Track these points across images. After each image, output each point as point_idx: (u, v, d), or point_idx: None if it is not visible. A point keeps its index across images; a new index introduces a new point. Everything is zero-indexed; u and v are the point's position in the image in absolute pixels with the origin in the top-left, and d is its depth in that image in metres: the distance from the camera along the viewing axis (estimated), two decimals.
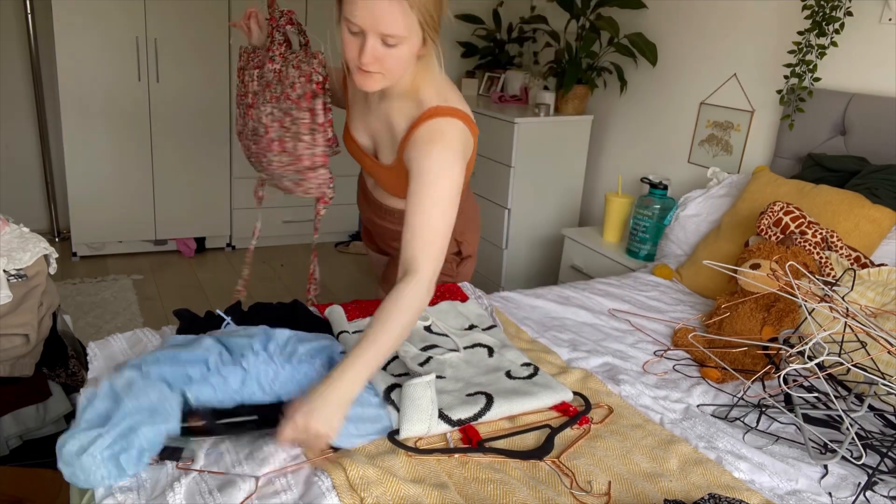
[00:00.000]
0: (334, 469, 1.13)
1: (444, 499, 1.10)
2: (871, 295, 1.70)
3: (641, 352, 1.74)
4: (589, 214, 3.37)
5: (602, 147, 3.26)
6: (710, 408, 1.51)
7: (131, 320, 3.09)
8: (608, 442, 1.31)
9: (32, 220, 4.02)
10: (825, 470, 1.30)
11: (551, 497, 1.14)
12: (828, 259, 1.85)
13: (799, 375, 1.58)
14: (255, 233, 1.93)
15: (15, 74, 3.76)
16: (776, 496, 1.22)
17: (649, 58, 2.84)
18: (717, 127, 2.72)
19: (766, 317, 1.77)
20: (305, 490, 1.10)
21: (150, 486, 1.09)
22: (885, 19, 2.16)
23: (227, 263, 3.93)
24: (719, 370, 1.64)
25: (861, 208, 1.99)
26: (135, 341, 1.52)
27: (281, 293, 3.57)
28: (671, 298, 2.14)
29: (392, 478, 1.12)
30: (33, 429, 1.97)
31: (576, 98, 3.09)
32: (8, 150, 3.87)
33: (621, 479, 1.21)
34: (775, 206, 1.97)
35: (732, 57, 2.64)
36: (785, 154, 2.44)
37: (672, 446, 1.32)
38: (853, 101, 2.22)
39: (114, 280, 3.51)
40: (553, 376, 1.53)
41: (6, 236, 1.91)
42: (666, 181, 2.65)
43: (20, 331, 1.77)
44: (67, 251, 3.84)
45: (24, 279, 1.83)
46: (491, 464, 1.21)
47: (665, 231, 2.53)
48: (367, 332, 1.20)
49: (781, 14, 2.45)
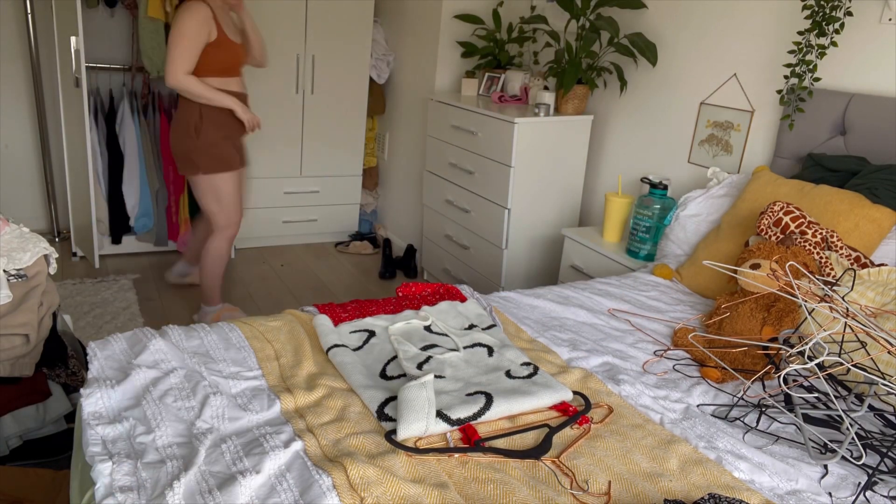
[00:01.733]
0: (335, 469, 1.13)
1: (444, 499, 1.10)
2: (871, 295, 1.70)
3: (641, 352, 1.74)
4: (589, 214, 3.37)
5: (602, 147, 3.26)
6: (710, 408, 1.51)
7: (131, 320, 3.09)
8: (608, 442, 1.31)
9: (32, 220, 4.02)
10: (825, 470, 1.30)
11: (551, 497, 1.14)
12: (828, 259, 1.85)
13: (799, 375, 1.58)
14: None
15: (15, 74, 3.76)
16: (776, 496, 1.22)
17: (649, 58, 2.84)
18: (717, 127, 2.71)
19: (766, 317, 1.77)
20: (305, 490, 1.10)
21: (151, 486, 1.09)
22: (885, 19, 2.16)
23: (228, 264, 3.92)
24: (719, 370, 1.64)
25: (861, 208, 1.99)
26: (135, 341, 1.52)
27: (281, 293, 3.58)
28: (671, 298, 2.14)
29: (392, 478, 1.12)
30: (33, 429, 1.97)
31: (576, 98, 3.09)
32: (8, 150, 3.87)
33: (621, 478, 1.21)
34: (775, 206, 1.97)
35: (732, 57, 2.64)
36: (785, 154, 2.44)
37: (672, 446, 1.32)
38: (853, 101, 2.22)
39: (114, 280, 3.51)
40: (553, 376, 1.52)
41: (6, 236, 1.91)
42: (666, 181, 2.65)
43: (20, 331, 1.77)
44: (67, 251, 3.84)
45: (24, 279, 1.83)
46: (491, 464, 1.21)
47: (665, 231, 2.53)
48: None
49: (781, 14, 2.45)
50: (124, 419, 1.25)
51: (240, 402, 1.34)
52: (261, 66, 2.96)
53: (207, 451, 1.18)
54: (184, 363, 1.44)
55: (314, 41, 3.96)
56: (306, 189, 4.22)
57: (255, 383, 1.42)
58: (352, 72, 4.10)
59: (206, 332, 1.58)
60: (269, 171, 4.08)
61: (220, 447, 1.19)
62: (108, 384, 1.34)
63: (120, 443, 1.20)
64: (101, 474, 1.11)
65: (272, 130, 4.02)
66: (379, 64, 4.19)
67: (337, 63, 4.05)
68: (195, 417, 1.27)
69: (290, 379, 1.42)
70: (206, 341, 1.55)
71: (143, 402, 1.30)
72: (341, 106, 4.15)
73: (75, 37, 3.23)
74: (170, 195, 3.86)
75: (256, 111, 3.94)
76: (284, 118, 4.02)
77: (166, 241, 3.92)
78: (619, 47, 2.90)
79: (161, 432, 1.22)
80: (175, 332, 1.57)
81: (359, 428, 1.28)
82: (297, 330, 1.62)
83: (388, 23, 4.19)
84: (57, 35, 3.54)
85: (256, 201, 4.11)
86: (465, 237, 3.37)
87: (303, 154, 4.16)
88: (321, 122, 4.13)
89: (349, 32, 4.03)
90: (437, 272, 3.68)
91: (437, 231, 3.61)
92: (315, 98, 4.07)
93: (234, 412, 1.30)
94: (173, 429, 1.24)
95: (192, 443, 1.20)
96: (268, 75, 3.90)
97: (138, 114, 3.70)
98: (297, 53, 3.95)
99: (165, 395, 1.32)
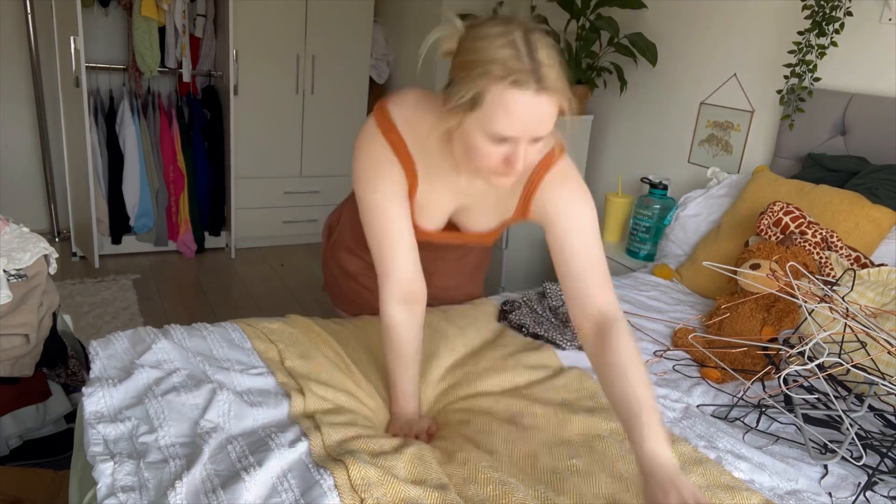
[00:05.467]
0: (337, 468, 1.13)
1: (444, 499, 1.10)
2: (871, 295, 1.70)
3: (641, 352, 1.74)
4: None
5: (602, 147, 3.26)
6: (710, 408, 1.51)
7: (131, 320, 3.09)
8: (607, 442, 1.32)
9: (32, 220, 4.02)
10: (825, 470, 1.30)
11: (551, 497, 1.14)
12: (828, 259, 1.85)
13: (799, 376, 1.58)
14: None
15: (15, 74, 3.75)
16: (776, 496, 1.22)
17: (649, 58, 2.84)
18: (717, 127, 2.72)
19: (766, 317, 1.77)
20: (306, 490, 1.10)
21: (153, 486, 1.09)
22: (885, 19, 2.16)
23: (228, 264, 3.93)
24: (719, 370, 1.64)
25: (861, 208, 1.99)
26: (137, 340, 1.52)
27: (281, 293, 3.58)
28: (671, 298, 2.14)
29: (393, 479, 1.12)
30: (33, 429, 1.97)
31: (576, 98, 3.09)
32: (8, 150, 3.87)
33: (621, 478, 1.21)
34: (775, 206, 1.97)
35: (732, 57, 2.64)
36: (785, 154, 2.44)
37: (672, 446, 1.32)
38: (853, 101, 2.22)
39: (114, 280, 3.51)
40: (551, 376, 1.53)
41: (6, 236, 1.91)
42: (666, 181, 2.66)
43: (20, 331, 1.76)
44: (67, 251, 3.84)
45: (24, 279, 1.83)
46: (491, 464, 1.21)
47: (665, 231, 2.53)
48: (641, 398, 1.09)
49: (781, 14, 2.45)
50: (126, 419, 1.25)
51: (247, 399, 1.33)
52: None
53: (213, 452, 1.17)
54: (187, 362, 1.44)
55: (314, 41, 3.96)
56: (306, 189, 4.22)
57: (263, 381, 1.41)
58: (352, 72, 4.10)
59: (208, 332, 1.58)
60: (269, 171, 4.08)
61: (226, 448, 1.19)
62: (110, 383, 1.33)
63: (122, 442, 1.20)
64: (103, 474, 1.11)
65: (272, 130, 4.02)
66: (379, 64, 4.19)
67: (337, 63, 4.05)
68: (199, 416, 1.27)
69: (298, 378, 1.42)
70: (209, 340, 1.55)
71: (145, 400, 1.30)
72: (341, 106, 4.15)
73: (75, 37, 3.23)
74: (170, 195, 3.86)
75: (257, 111, 3.94)
76: (284, 118, 4.02)
77: (166, 241, 3.92)
78: (619, 47, 2.90)
79: (164, 432, 1.22)
80: (177, 331, 1.57)
81: (366, 431, 1.28)
82: (301, 332, 1.62)
83: (388, 23, 4.19)
84: (57, 35, 3.53)
85: (256, 201, 4.11)
86: None
87: (303, 154, 4.16)
88: (321, 122, 4.13)
89: (349, 32, 4.03)
90: None
91: None
92: (315, 98, 4.06)
93: (241, 409, 1.30)
94: (176, 428, 1.24)
95: (195, 442, 1.20)
96: (268, 75, 3.90)
97: (138, 114, 3.70)
98: (297, 53, 3.95)
99: (168, 394, 1.32)
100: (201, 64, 3.94)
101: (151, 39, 3.57)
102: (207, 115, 3.94)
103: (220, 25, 3.80)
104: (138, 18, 3.51)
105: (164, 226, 3.89)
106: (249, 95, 3.91)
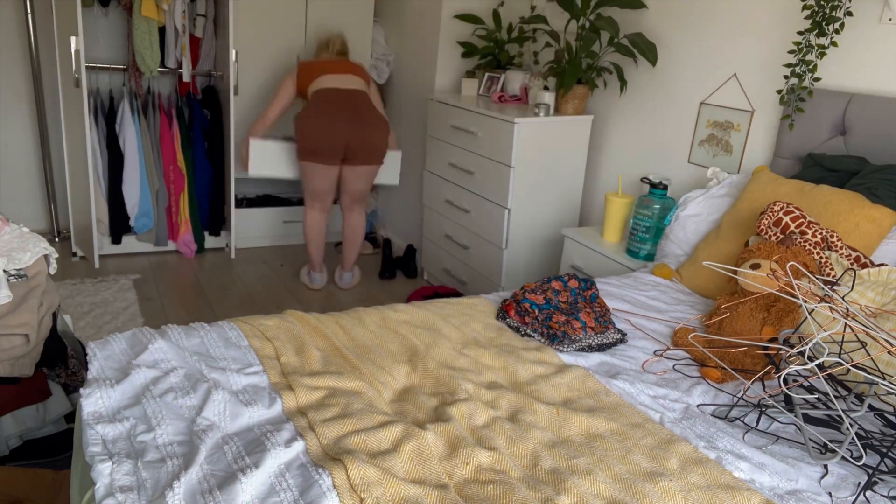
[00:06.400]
0: (335, 468, 1.13)
1: (444, 499, 1.10)
2: (871, 295, 1.70)
3: (641, 351, 1.74)
4: (589, 214, 3.37)
5: (602, 147, 3.26)
6: (710, 408, 1.51)
7: (131, 320, 3.09)
8: (608, 442, 1.31)
9: (32, 220, 4.02)
10: (825, 470, 1.30)
11: (551, 497, 1.13)
12: (828, 259, 1.85)
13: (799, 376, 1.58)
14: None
15: (15, 74, 3.76)
16: (776, 496, 1.22)
17: (649, 58, 2.84)
18: (717, 127, 2.71)
19: (766, 317, 1.77)
20: (305, 490, 1.10)
21: (151, 486, 1.09)
22: (885, 19, 2.16)
23: (228, 264, 3.93)
24: (719, 370, 1.64)
25: (861, 208, 1.99)
26: (134, 341, 1.52)
27: (281, 293, 3.58)
28: (671, 298, 2.14)
29: (392, 478, 1.12)
30: (33, 429, 1.97)
31: (576, 98, 3.09)
32: (8, 149, 3.87)
33: (621, 478, 1.21)
34: (775, 205, 1.97)
35: (732, 57, 2.63)
36: (785, 154, 2.44)
37: (672, 446, 1.32)
38: (853, 101, 2.22)
39: (114, 280, 3.51)
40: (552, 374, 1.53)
41: (6, 236, 1.91)
42: (666, 181, 2.65)
43: (20, 331, 1.76)
44: (67, 251, 3.84)
45: (24, 279, 1.83)
46: (491, 464, 1.21)
47: (665, 231, 2.53)
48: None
49: (781, 14, 2.45)
50: (124, 419, 1.25)
51: (241, 398, 1.34)
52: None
53: (210, 452, 1.18)
54: (184, 362, 1.44)
55: (314, 41, 3.96)
56: None
57: (257, 380, 1.41)
58: None
59: (205, 331, 1.58)
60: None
61: (222, 448, 1.19)
62: (107, 384, 1.34)
63: (120, 442, 1.20)
64: (101, 474, 1.11)
65: (272, 130, 4.01)
66: (379, 64, 4.19)
67: None
68: (196, 415, 1.27)
69: (292, 376, 1.42)
70: (206, 340, 1.55)
71: (142, 400, 1.30)
72: None
73: (75, 37, 3.23)
74: (170, 195, 3.86)
75: (257, 111, 3.94)
76: (284, 118, 4.02)
77: (166, 241, 3.92)
78: (619, 47, 2.90)
79: (161, 430, 1.22)
80: (175, 331, 1.57)
81: (361, 425, 1.27)
82: (298, 329, 1.62)
83: (388, 23, 4.19)
84: (57, 35, 3.54)
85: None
86: (465, 237, 3.37)
87: None
88: None
89: (349, 32, 4.03)
90: (438, 272, 3.68)
91: (437, 231, 3.61)
92: None
93: (236, 408, 1.30)
94: (174, 427, 1.24)
95: (192, 441, 1.20)
96: (268, 75, 3.90)
97: (138, 114, 3.70)
98: (297, 53, 3.95)
99: (166, 394, 1.32)
100: (201, 64, 3.94)
101: (151, 39, 3.57)
102: (207, 115, 3.94)
103: (220, 25, 3.80)
104: (138, 18, 3.51)
105: (164, 226, 3.89)
106: (249, 95, 3.91)
